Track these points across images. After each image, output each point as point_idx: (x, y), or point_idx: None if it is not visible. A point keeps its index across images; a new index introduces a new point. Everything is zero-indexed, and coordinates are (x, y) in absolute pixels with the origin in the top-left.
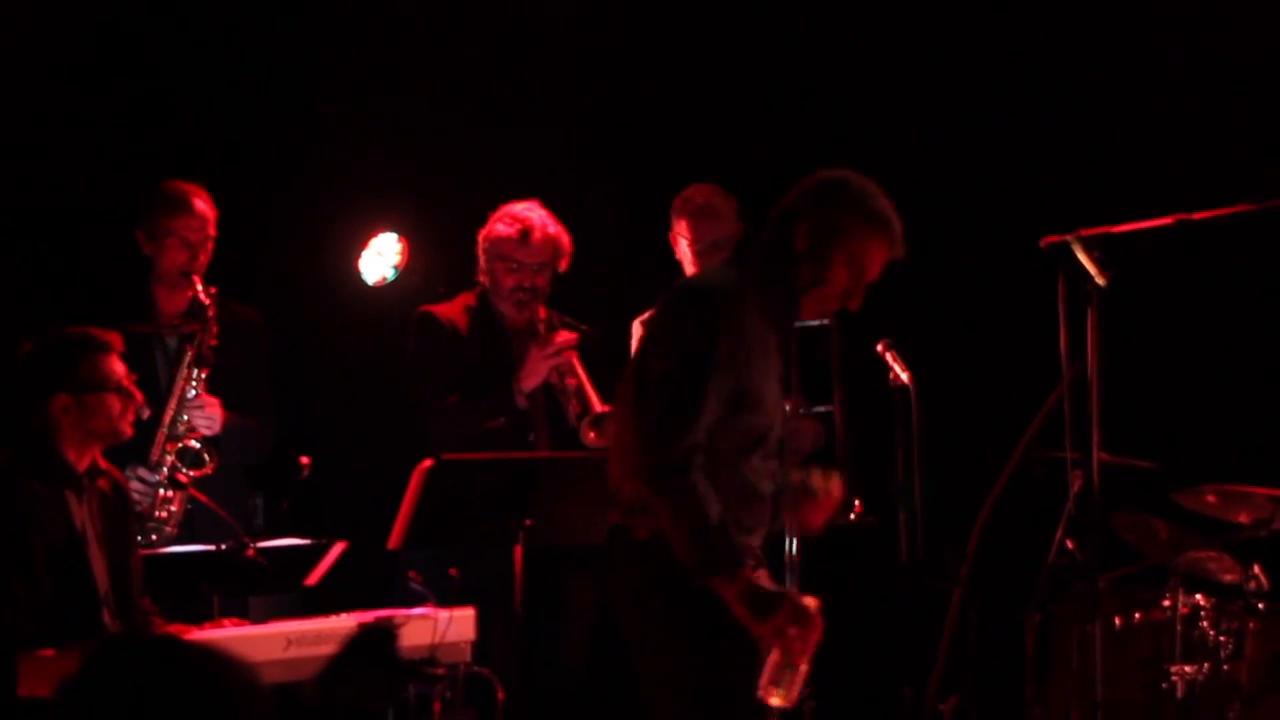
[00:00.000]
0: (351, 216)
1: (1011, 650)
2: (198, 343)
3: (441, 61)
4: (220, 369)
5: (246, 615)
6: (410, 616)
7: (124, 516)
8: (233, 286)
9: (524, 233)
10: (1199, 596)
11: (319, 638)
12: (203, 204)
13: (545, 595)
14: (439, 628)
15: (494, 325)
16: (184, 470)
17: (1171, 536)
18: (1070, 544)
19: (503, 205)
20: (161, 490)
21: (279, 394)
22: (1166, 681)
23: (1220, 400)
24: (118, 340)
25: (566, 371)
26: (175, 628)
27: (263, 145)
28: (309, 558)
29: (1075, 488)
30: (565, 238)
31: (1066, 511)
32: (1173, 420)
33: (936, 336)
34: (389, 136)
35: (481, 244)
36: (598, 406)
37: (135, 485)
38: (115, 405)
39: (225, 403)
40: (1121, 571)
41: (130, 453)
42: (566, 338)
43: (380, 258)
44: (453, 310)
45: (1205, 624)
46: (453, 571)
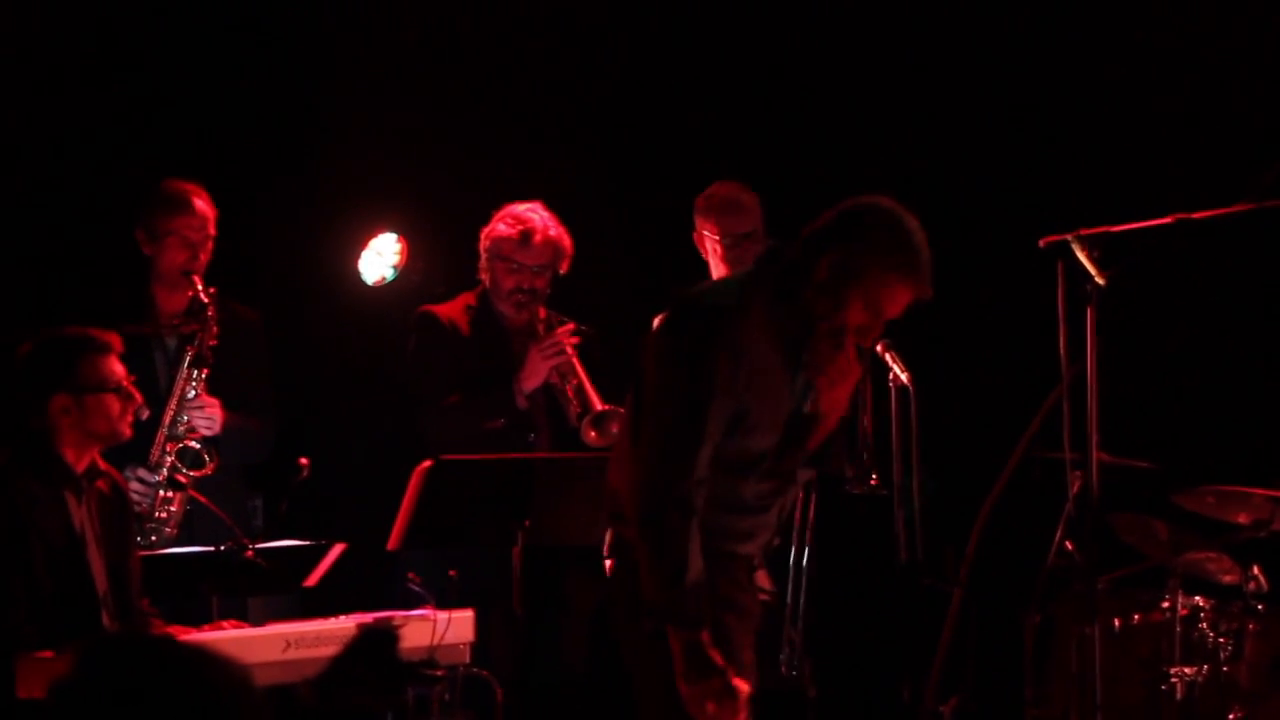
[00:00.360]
0: (351, 216)
1: (1011, 651)
2: (197, 343)
3: (441, 61)
4: (220, 369)
5: (245, 617)
6: (409, 618)
7: (123, 517)
8: (232, 286)
9: (525, 234)
10: (1198, 598)
11: (318, 639)
12: (203, 203)
13: (544, 596)
14: (438, 629)
15: (494, 325)
16: (184, 471)
17: (1171, 537)
18: (1069, 545)
19: (506, 205)
20: (161, 491)
21: (278, 395)
22: (1166, 683)
23: (1220, 400)
24: (117, 341)
25: (567, 372)
26: (174, 629)
27: (262, 145)
28: (308, 559)
29: (1074, 488)
30: (567, 240)
31: (1066, 512)
32: (1172, 421)
33: (936, 336)
34: (388, 136)
35: (483, 243)
36: (598, 406)
37: (135, 486)
38: (115, 406)
39: (225, 403)
40: (1121, 573)
41: (130, 453)
42: (566, 331)
43: (380, 258)
44: (453, 310)
45: (1204, 625)
46: (452, 573)
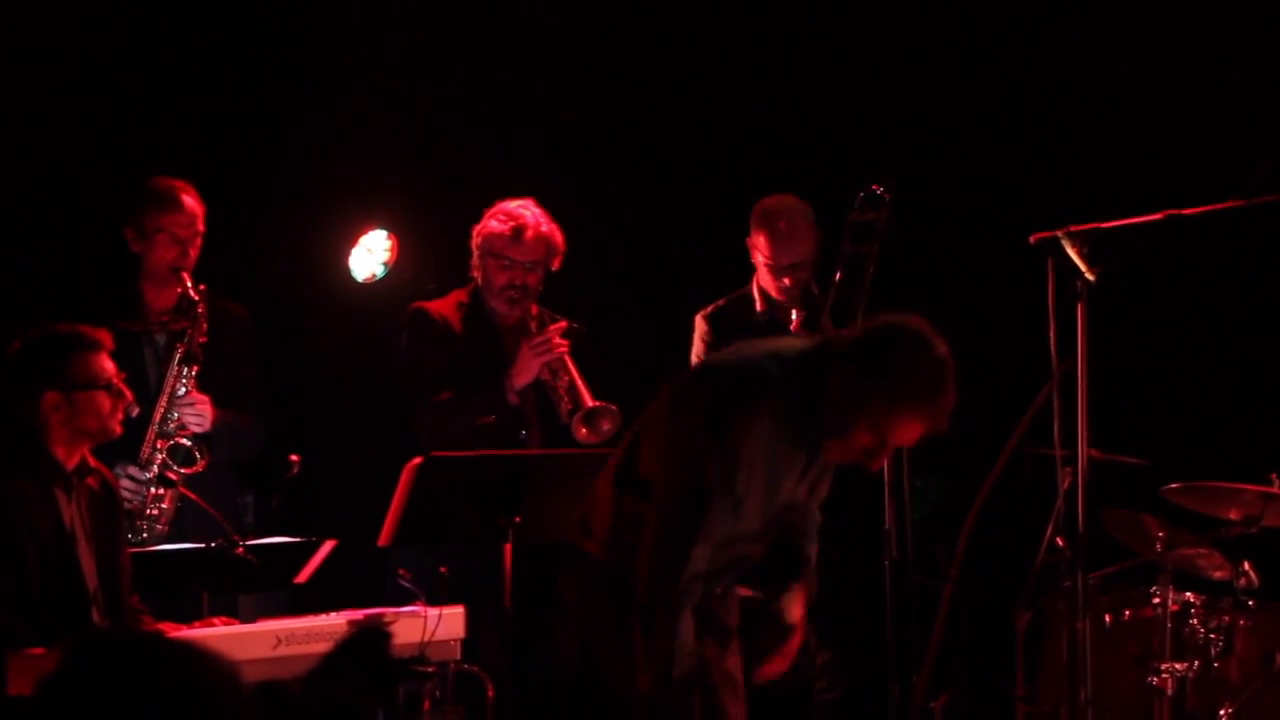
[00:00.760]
0: (341, 213)
1: (1002, 648)
2: (187, 340)
3: (431, 58)
4: (209, 366)
5: (236, 613)
6: (400, 614)
7: (113, 515)
8: (222, 283)
9: (517, 230)
10: (1189, 594)
11: (308, 636)
12: (191, 200)
13: (535, 593)
14: (428, 625)
15: (486, 322)
16: (174, 468)
17: (1161, 533)
18: (1060, 541)
19: (497, 202)
20: (152, 488)
21: (269, 392)
22: (1156, 678)
23: (1210, 396)
24: (108, 338)
25: (558, 368)
26: (165, 626)
27: (251, 141)
28: (299, 555)
29: (1065, 485)
30: (558, 236)
31: (1056, 509)
32: (1162, 416)
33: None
34: (379, 132)
35: (475, 240)
36: (589, 403)
37: (125, 483)
38: (105, 404)
39: (215, 400)
40: (1111, 569)
41: (120, 450)
42: (558, 329)
43: (370, 254)
44: (445, 307)
45: (1195, 621)
46: (442, 569)
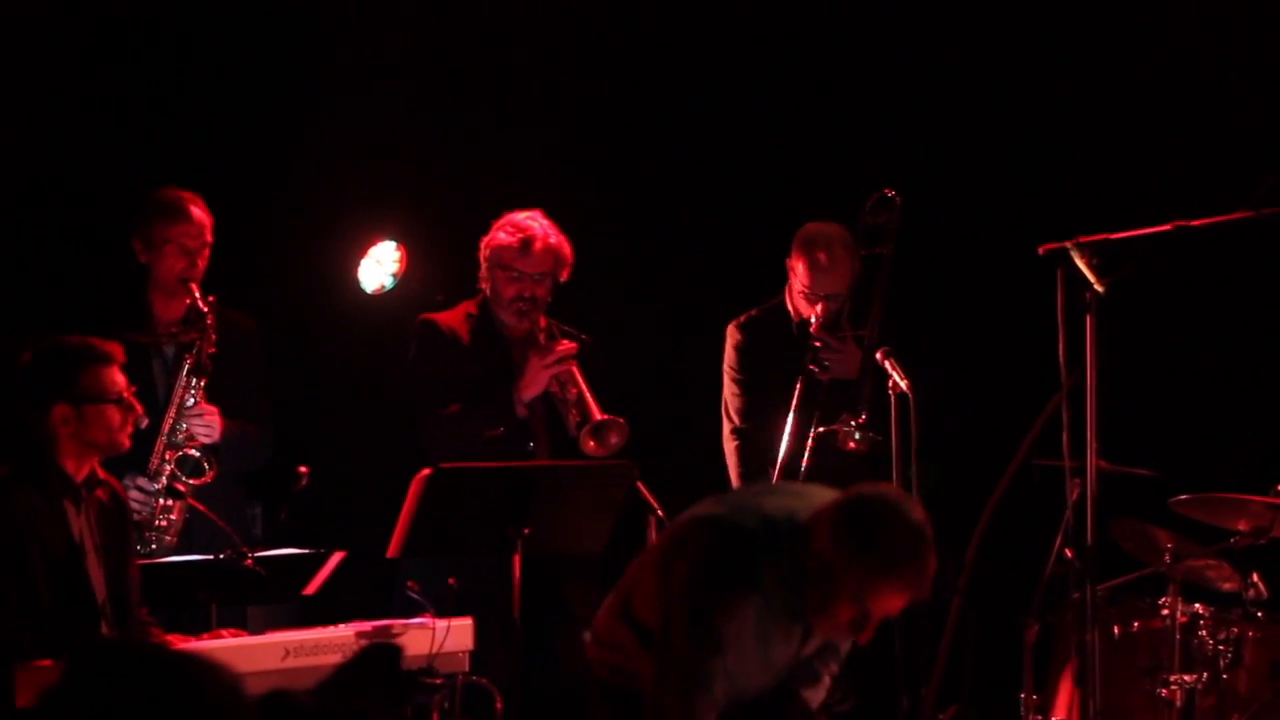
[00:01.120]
0: (350, 224)
1: (1010, 659)
2: (196, 351)
3: (441, 69)
4: (218, 377)
5: (245, 625)
6: (408, 626)
7: (122, 526)
8: (230, 294)
9: (525, 242)
10: (1198, 605)
11: (317, 648)
12: (199, 211)
13: (543, 604)
14: (437, 637)
15: (494, 334)
16: (183, 479)
17: (1170, 545)
18: (1069, 553)
19: (505, 213)
20: (160, 499)
21: (278, 403)
22: (1165, 690)
23: (1219, 407)
24: (119, 351)
25: (567, 381)
26: (173, 638)
27: (260, 153)
28: (307, 567)
29: (1073, 496)
30: (567, 248)
31: (1065, 520)
32: (1171, 427)
33: (935, 344)
34: (387, 144)
35: (483, 252)
36: (598, 415)
37: (134, 495)
38: (115, 417)
39: (223, 411)
40: (1120, 580)
41: (129, 462)
42: (567, 348)
43: (379, 265)
44: (454, 318)
45: (1204, 633)
46: (451, 581)
